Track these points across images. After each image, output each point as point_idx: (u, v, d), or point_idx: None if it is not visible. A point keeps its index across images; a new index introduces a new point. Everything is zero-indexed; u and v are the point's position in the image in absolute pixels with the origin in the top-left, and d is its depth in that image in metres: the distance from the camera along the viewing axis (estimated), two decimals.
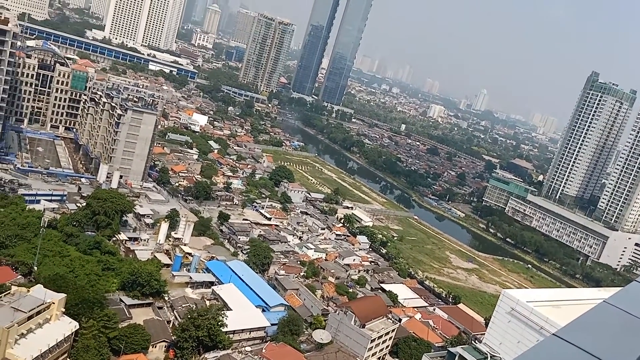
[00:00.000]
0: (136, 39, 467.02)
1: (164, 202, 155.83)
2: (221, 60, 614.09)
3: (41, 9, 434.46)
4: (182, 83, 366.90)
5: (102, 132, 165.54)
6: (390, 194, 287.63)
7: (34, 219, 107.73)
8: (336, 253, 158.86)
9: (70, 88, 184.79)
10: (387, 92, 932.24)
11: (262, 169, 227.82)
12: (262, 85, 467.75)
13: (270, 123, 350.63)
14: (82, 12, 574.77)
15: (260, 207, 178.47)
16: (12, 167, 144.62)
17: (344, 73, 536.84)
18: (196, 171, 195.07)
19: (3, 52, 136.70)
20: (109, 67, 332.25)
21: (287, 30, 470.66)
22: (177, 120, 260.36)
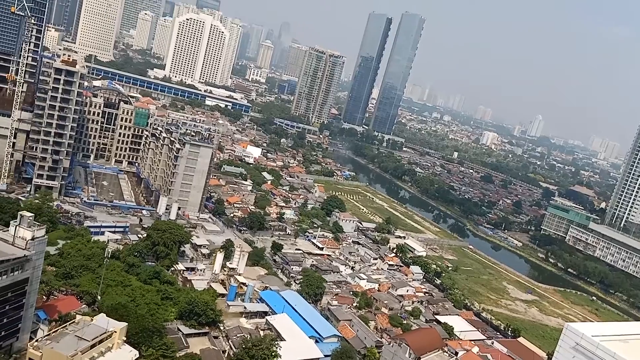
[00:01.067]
0: (194, 76, 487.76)
1: (220, 232, 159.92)
2: (274, 93, 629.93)
3: (107, 50, 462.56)
4: (236, 117, 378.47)
5: (162, 166, 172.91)
6: (443, 222, 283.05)
7: (99, 250, 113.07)
8: (389, 283, 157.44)
9: (133, 124, 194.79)
10: (438, 120, 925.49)
11: (314, 199, 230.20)
12: (313, 116, 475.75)
13: (322, 153, 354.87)
14: (144, 53, 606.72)
15: (313, 237, 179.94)
16: (79, 200, 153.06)
17: (394, 102, 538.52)
18: (250, 202, 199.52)
19: (71, 92, 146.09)
20: (169, 104, 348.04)
21: (338, 63, 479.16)
22: (232, 153, 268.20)
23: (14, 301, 75.21)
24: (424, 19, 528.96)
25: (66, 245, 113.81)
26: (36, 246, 75.38)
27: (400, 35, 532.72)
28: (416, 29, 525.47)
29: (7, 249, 72.73)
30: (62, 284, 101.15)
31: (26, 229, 74.64)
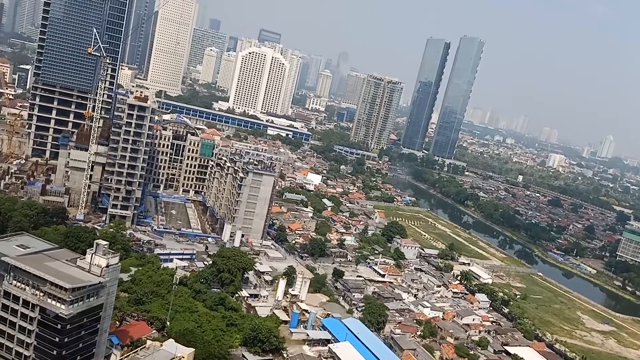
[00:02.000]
0: (256, 107, 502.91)
1: (282, 259, 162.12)
2: (333, 121, 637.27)
3: (175, 86, 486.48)
4: (297, 145, 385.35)
5: (227, 194, 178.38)
6: (509, 248, 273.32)
7: (168, 277, 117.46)
8: (454, 312, 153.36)
9: (200, 155, 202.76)
10: (501, 143, 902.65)
11: (374, 225, 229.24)
12: (372, 142, 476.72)
13: (381, 179, 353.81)
14: (209, 87, 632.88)
15: (374, 263, 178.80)
16: (150, 229, 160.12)
17: (455, 126, 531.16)
18: (311, 228, 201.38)
19: (143, 126, 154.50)
20: (233, 134, 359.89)
21: (396, 89, 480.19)
22: (293, 180, 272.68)
23: (89, 326, 78.90)
24: (483, 42, 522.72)
25: (138, 272, 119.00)
26: (110, 273, 79.23)
27: (459, 59, 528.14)
28: (475, 52, 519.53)
29: (83, 276, 76.99)
30: (134, 309, 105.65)
31: (101, 257, 78.75)
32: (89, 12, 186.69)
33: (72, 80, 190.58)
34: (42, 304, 74.45)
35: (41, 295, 74.64)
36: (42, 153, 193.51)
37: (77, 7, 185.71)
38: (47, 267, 76.66)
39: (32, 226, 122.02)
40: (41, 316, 75.11)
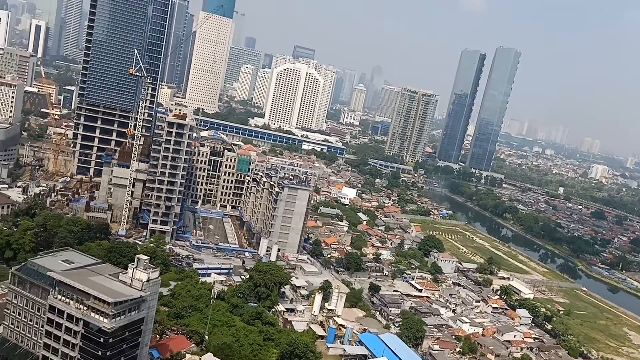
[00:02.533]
0: (291, 123, 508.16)
1: (318, 273, 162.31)
2: (367, 135, 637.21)
3: (212, 103, 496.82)
4: (332, 159, 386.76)
5: (263, 209, 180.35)
6: (551, 262, 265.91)
7: (206, 291, 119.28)
8: (494, 328, 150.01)
9: (236, 171, 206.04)
10: (540, 155, 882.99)
11: (410, 239, 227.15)
12: (407, 156, 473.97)
13: (417, 192, 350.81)
14: (245, 103, 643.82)
15: (410, 278, 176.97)
16: (188, 243, 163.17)
17: (491, 138, 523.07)
18: (347, 243, 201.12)
19: (182, 143, 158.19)
20: (268, 150, 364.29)
21: (431, 101, 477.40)
22: (328, 195, 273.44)
23: (131, 340, 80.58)
24: (519, 52, 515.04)
25: (177, 286, 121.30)
26: (151, 287, 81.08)
27: (495, 70, 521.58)
28: (512, 62, 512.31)
29: (125, 290, 79.05)
30: (174, 323, 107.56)
31: (142, 272, 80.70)
32: (130, 34, 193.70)
33: (114, 100, 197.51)
34: (86, 317, 76.62)
35: (85, 309, 76.88)
36: (86, 171, 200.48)
37: (119, 30, 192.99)
38: (91, 282, 79.07)
39: (77, 242, 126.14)
40: (85, 330, 77.21)
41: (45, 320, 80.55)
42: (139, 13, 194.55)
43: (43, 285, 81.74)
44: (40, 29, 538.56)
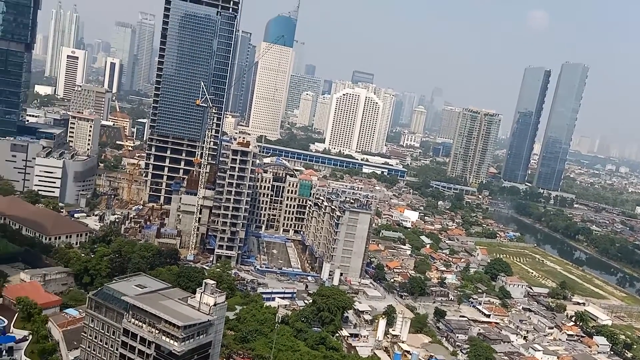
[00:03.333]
0: (351, 147, 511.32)
1: (381, 298, 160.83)
2: (428, 156, 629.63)
3: (274, 130, 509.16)
4: (392, 182, 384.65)
5: (324, 233, 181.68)
6: (630, 287, 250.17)
7: (270, 315, 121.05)
8: (570, 356, 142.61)
9: (298, 195, 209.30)
10: (613, 173, 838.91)
11: (476, 262, 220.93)
12: (470, 177, 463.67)
13: (482, 214, 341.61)
14: (306, 129, 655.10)
15: (478, 302, 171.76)
16: (253, 268, 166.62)
17: (560, 157, 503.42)
18: (410, 266, 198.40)
19: (246, 170, 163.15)
20: (329, 174, 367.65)
21: (493, 121, 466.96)
22: (389, 218, 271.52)
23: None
24: (587, 67, 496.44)
25: (242, 310, 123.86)
26: (218, 311, 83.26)
27: (561, 87, 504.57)
28: (579, 78, 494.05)
29: (193, 314, 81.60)
30: (240, 347, 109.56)
31: (210, 296, 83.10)
32: (197, 67, 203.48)
33: (182, 130, 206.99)
34: (157, 341, 79.50)
35: (156, 332, 79.89)
36: (157, 199, 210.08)
37: (187, 64, 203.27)
38: (162, 306, 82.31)
39: (149, 267, 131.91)
40: (156, 353, 79.98)
41: (119, 343, 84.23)
42: (205, 47, 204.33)
43: (118, 309, 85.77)
44: (114, 66, 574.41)
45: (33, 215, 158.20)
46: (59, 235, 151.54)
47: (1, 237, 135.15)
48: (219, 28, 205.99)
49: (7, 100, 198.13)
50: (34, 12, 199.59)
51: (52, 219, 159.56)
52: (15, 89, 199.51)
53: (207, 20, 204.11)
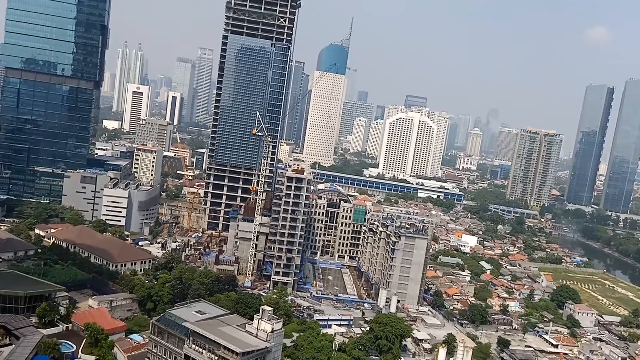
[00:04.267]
0: (405, 171, 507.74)
1: (440, 326, 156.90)
2: (486, 179, 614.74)
3: (328, 156, 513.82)
4: (449, 206, 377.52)
5: (380, 259, 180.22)
6: None
7: (327, 343, 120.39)
8: None
9: (352, 221, 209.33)
10: None
11: (540, 289, 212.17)
12: (531, 200, 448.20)
13: (545, 238, 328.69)
14: (359, 155, 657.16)
15: (544, 332, 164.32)
16: (309, 294, 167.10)
17: (628, 177, 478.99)
18: (470, 293, 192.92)
19: (300, 196, 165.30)
20: (383, 199, 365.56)
21: (554, 141, 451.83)
22: (447, 243, 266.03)
23: None
24: None
25: (299, 337, 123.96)
26: (275, 338, 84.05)
27: (626, 104, 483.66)
28: None
29: (251, 341, 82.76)
30: None
31: (267, 322, 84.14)
32: (252, 97, 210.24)
33: (239, 159, 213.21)
34: None
35: (216, 358, 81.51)
36: (215, 226, 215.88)
37: (243, 95, 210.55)
38: (221, 332, 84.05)
39: (208, 293, 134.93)
40: None
41: None
42: (260, 78, 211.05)
43: (179, 335, 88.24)
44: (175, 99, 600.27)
45: (101, 243, 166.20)
46: (124, 263, 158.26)
47: (71, 265, 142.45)
48: (274, 59, 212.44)
49: (77, 135, 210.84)
50: (102, 52, 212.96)
51: (119, 247, 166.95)
52: (85, 124, 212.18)
53: (262, 52, 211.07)
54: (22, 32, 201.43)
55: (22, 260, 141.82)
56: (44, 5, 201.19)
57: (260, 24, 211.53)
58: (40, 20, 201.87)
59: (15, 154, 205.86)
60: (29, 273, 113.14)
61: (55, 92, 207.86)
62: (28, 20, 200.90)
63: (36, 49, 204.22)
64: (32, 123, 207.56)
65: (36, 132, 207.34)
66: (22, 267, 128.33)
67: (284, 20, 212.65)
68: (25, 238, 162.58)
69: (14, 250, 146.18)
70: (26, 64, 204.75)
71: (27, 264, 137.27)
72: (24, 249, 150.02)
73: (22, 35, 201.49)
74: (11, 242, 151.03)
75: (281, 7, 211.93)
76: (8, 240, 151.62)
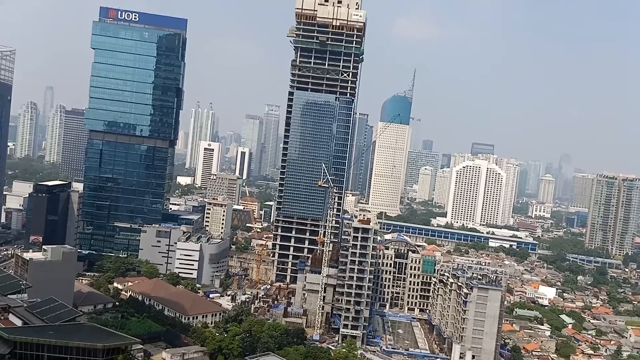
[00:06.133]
0: (474, 220, 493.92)
1: None
2: (561, 227, 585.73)
3: (394, 206, 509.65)
4: (523, 256, 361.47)
5: (452, 312, 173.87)
6: None
7: None
8: None
9: (421, 272, 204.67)
10: None
11: (629, 344, 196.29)
12: (613, 248, 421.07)
13: (631, 290, 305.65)
14: (426, 204, 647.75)
15: None
16: (379, 348, 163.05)
17: None
18: (551, 349, 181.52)
19: (367, 247, 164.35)
20: (453, 249, 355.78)
21: (634, 186, 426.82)
22: (522, 295, 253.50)
23: None
24: None
25: None
26: None
27: None
28: None
29: None
30: None
31: None
32: (318, 150, 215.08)
33: (306, 210, 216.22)
34: None
35: None
36: (283, 278, 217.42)
37: (309, 148, 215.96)
38: None
39: (277, 346, 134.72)
40: None
41: None
42: (325, 131, 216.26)
43: None
44: (244, 155, 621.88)
45: (174, 296, 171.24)
46: (196, 315, 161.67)
47: (146, 318, 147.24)
48: (338, 112, 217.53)
49: (154, 191, 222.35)
50: (177, 113, 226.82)
51: (191, 299, 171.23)
52: (161, 181, 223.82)
53: (327, 106, 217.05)
54: (104, 97, 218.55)
55: (101, 312, 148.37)
56: (125, 72, 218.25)
57: (324, 79, 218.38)
58: (121, 86, 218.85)
59: (97, 211, 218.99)
60: (107, 325, 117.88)
61: (134, 151, 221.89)
62: (110, 86, 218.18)
63: (117, 112, 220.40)
64: (113, 181, 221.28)
65: (116, 189, 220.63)
66: (101, 320, 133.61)
67: (348, 75, 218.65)
68: (105, 291, 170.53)
69: (93, 304, 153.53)
70: (108, 126, 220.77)
71: (106, 317, 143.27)
72: (103, 302, 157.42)
73: (105, 100, 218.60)
74: (91, 296, 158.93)
75: (344, 62, 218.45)
76: (89, 293, 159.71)
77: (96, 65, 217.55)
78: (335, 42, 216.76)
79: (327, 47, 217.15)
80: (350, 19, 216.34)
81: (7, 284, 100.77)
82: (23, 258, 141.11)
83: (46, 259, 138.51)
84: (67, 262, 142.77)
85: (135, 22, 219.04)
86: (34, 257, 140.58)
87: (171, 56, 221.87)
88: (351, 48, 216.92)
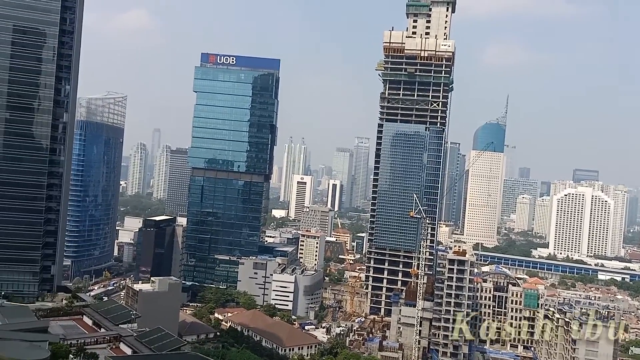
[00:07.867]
0: (580, 251, 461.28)
1: None
2: None
3: (491, 237, 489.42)
4: (637, 290, 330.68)
5: (560, 350, 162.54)
6: None
7: None
8: None
9: (523, 306, 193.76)
10: None
11: None
12: None
13: None
14: (525, 234, 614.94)
15: None
16: None
17: None
18: None
19: (464, 279, 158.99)
20: (558, 282, 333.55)
21: None
22: (638, 332, 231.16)
23: None
24: None
25: None
26: None
27: None
28: None
29: None
30: None
31: None
32: (409, 181, 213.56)
33: (398, 242, 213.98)
34: None
35: None
36: (377, 310, 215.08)
37: (399, 179, 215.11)
38: None
39: None
40: None
41: None
42: (415, 161, 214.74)
43: None
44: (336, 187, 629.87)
45: (271, 327, 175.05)
46: (292, 347, 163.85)
47: (245, 348, 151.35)
48: (428, 142, 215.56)
49: (250, 225, 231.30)
50: (271, 148, 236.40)
51: (287, 331, 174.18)
52: (257, 214, 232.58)
53: (417, 137, 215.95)
54: (205, 136, 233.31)
55: (203, 342, 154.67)
56: (223, 112, 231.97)
57: (413, 110, 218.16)
58: (220, 125, 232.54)
59: (199, 244, 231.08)
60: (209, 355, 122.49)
61: (232, 186, 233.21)
62: (210, 126, 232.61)
63: (217, 150, 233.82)
64: (213, 215, 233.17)
65: (216, 223, 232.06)
66: (203, 349, 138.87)
67: (437, 105, 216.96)
68: (206, 321, 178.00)
69: (197, 333, 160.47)
70: (208, 163, 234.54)
71: (208, 346, 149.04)
72: (205, 332, 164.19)
73: (206, 139, 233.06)
74: (195, 326, 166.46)
75: (434, 92, 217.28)
76: (192, 323, 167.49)
77: (198, 107, 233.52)
78: (424, 72, 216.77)
79: (416, 78, 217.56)
80: (438, 49, 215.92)
81: (119, 314, 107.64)
82: (133, 289, 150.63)
83: (154, 290, 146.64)
84: (173, 293, 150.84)
85: (232, 65, 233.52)
86: (143, 288, 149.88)
87: (265, 95, 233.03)
88: (440, 78, 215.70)
